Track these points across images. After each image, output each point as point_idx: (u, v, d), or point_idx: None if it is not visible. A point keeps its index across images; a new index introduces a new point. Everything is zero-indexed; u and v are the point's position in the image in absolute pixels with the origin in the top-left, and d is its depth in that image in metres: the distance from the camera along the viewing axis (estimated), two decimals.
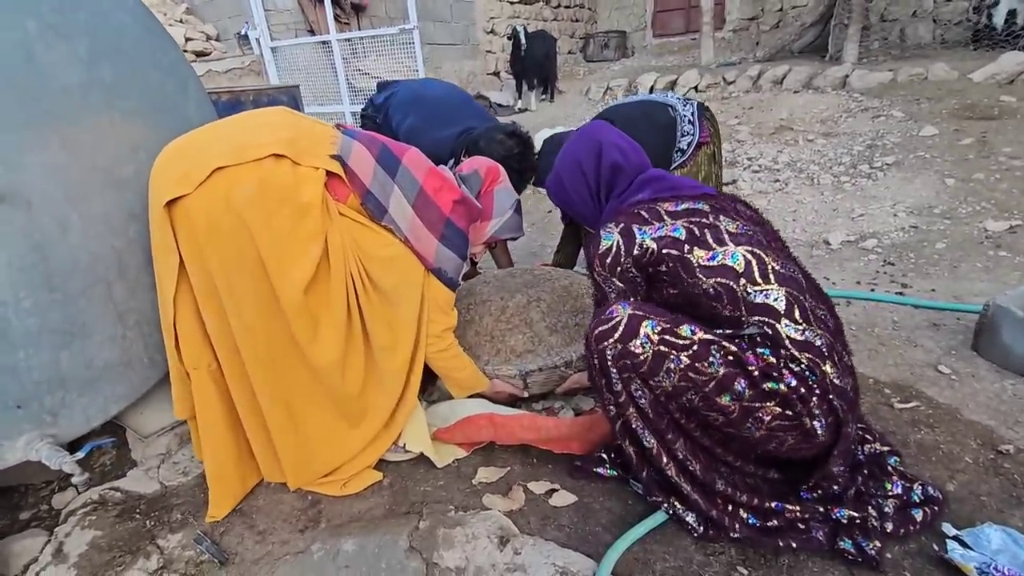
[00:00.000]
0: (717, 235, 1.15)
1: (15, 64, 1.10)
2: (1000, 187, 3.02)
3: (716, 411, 1.10)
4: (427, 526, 1.24)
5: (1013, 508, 1.24)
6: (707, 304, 1.14)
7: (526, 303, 1.72)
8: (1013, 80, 4.86)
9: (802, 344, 1.07)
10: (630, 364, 1.12)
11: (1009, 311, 1.69)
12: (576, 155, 1.39)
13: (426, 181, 1.39)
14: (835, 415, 1.08)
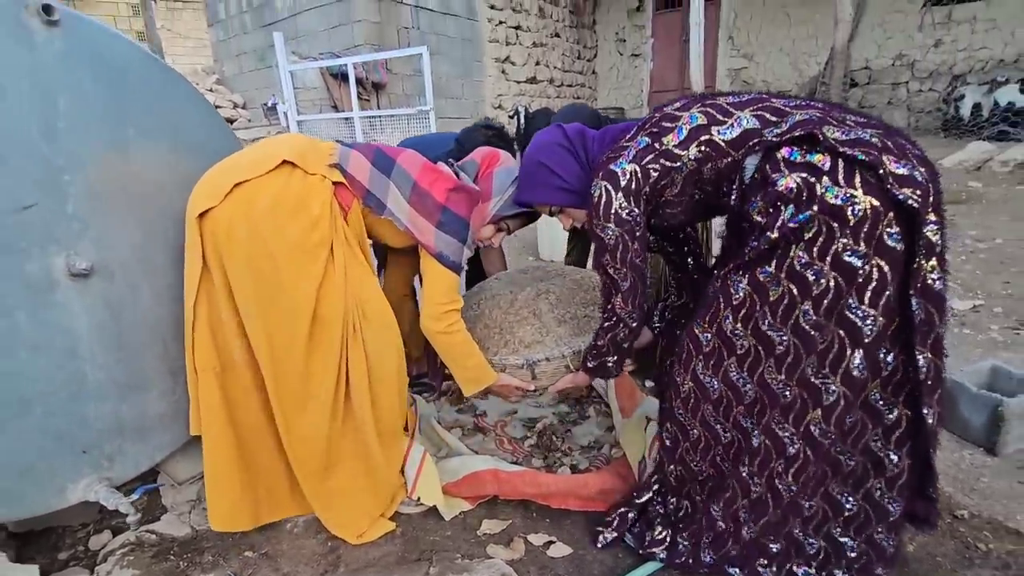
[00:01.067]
0: (670, 118, 1.22)
1: (114, 162, 1.31)
2: (965, 268, 3.24)
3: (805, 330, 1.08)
4: (436, 572, 1.36)
5: (965, 568, 1.36)
6: (707, 174, 1.18)
7: (535, 295, 1.72)
8: (980, 167, 5.20)
9: (791, 126, 1.07)
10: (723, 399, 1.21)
11: (964, 387, 1.85)
12: (547, 139, 1.43)
13: (420, 176, 1.49)
14: (864, 167, 1.00)
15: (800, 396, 1.13)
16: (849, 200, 1.00)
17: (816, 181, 1.02)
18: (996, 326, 2.60)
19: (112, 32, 1.33)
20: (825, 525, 1.25)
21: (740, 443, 1.23)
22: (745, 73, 10.07)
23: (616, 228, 1.23)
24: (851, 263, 1.02)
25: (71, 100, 1.22)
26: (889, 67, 8.47)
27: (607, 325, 1.42)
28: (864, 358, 1.07)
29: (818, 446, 1.15)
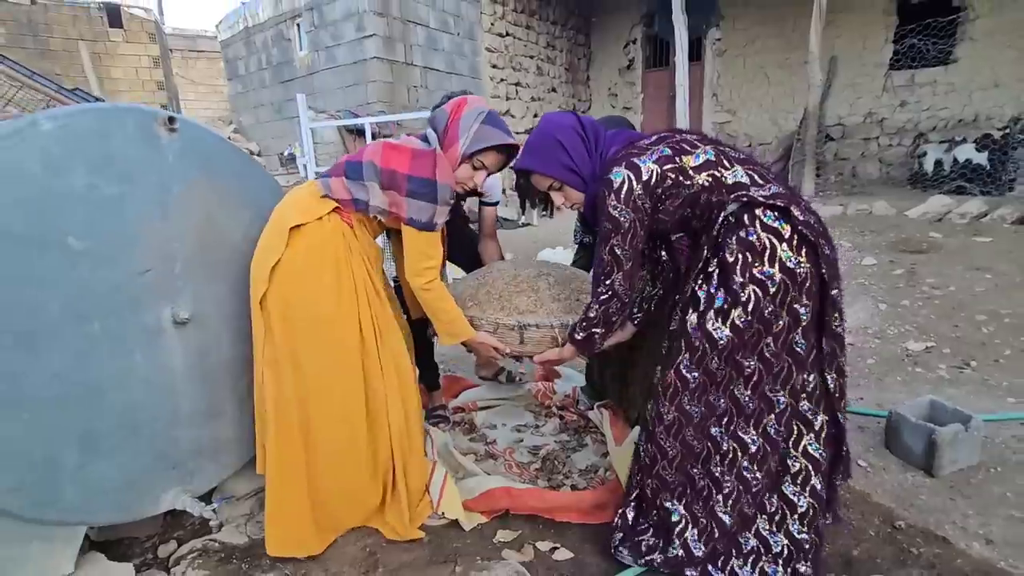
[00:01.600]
0: (689, 144, 1.43)
1: (207, 231, 1.63)
2: (922, 312, 3.57)
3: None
4: (461, 570, 1.61)
5: (899, 568, 1.62)
6: (704, 199, 1.38)
7: (536, 275, 1.87)
8: (941, 218, 5.61)
9: (772, 196, 1.34)
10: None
11: (906, 418, 2.14)
12: (564, 121, 1.56)
13: (383, 160, 1.63)
14: (807, 243, 1.33)
15: (759, 406, 1.43)
16: (798, 265, 1.32)
17: (778, 245, 1.33)
18: (944, 365, 2.91)
19: (211, 132, 1.68)
20: (785, 522, 1.51)
21: (710, 450, 1.47)
22: (728, 127, 10.67)
23: (631, 214, 1.38)
24: (798, 310, 1.35)
25: (181, 186, 1.55)
26: (861, 124, 9.06)
27: (603, 298, 1.55)
28: (806, 378, 1.41)
29: (773, 443, 1.44)
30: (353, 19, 7.37)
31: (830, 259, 1.34)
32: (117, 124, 1.40)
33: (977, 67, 7.91)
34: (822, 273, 1.33)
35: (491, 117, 1.68)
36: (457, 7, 8.50)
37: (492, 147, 1.68)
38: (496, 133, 1.67)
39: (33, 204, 1.25)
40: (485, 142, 1.66)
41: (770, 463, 1.46)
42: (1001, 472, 2.03)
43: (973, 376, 2.78)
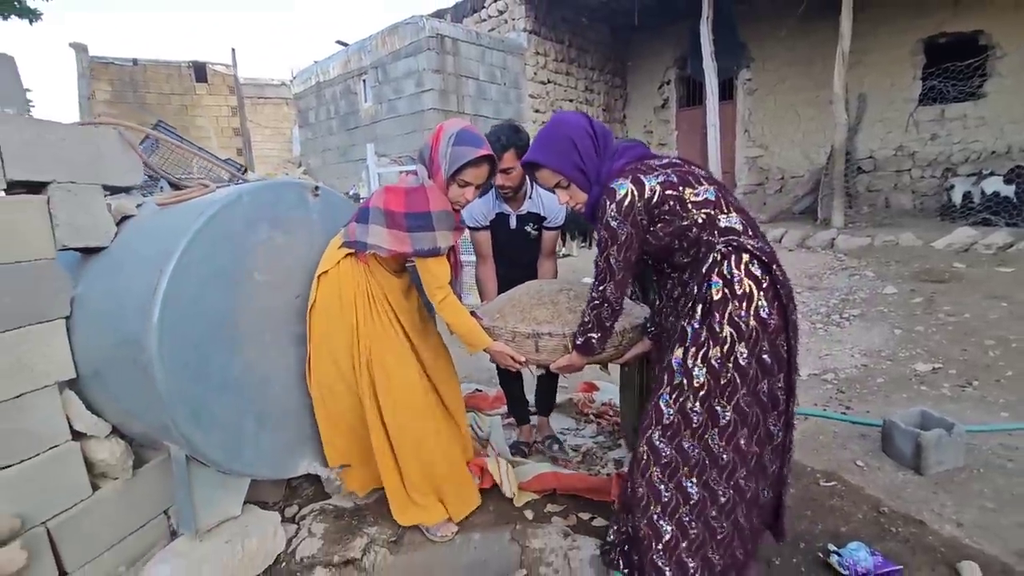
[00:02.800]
0: (696, 178, 1.45)
1: None
2: (934, 338, 3.80)
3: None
4: (520, 528, 2.04)
5: (878, 542, 1.94)
6: (694, 234, 1.42)
7: (558, 290, 1.94)
8: (967, 249, 5.74)
9: (760, 249, 1.40)
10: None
11: (897, 424, 2.45)
12: (578, 122, 1.56)
13: (384, 203, 1.77)
14: (779, 300, 1.40)
15: (733, 419, 1.43)
16: (769, 316, 1.40)
17: (756, 293, 1.39)
18: (948, 384, 3.16)
19: (339, 195, 2.23)
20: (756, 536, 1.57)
21: (678, 462, 1.45)
22: (761, 160, 10.92)
23: (630, 228, 1.41)
24: (766, 361, 1.42)
25: (321, 236, 2.09)
26: (892, 156, 9.17)
27: (595, 304, 1.60)
28: (771, 429, 1.49)
29: (743, 455, 1.45)
30: (413, 76, 8.17)
31: (794, 323, 1.44)
32: (285, 193, 1.96)
33: (1007, 101, 7.99)
34: (788, 333, 1.42)
35: (461, 136, 1.73)
36: (504, 61, 9.23)
37: (468, 164, 1.73)
38: (465, 151, 1.71)
39: (237, 251, 1.80)
40: (458, 162, 1.72)
41: (738, 476, 1.46)
42: (983, 473, 2.31)
43: (973, 394, 3.03)
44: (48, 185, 1.75)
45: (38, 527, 1.72)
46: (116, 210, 1.96)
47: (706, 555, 1.47)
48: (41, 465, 1.74)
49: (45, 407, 1.76)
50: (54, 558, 1.77)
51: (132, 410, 1.80)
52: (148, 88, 15.04)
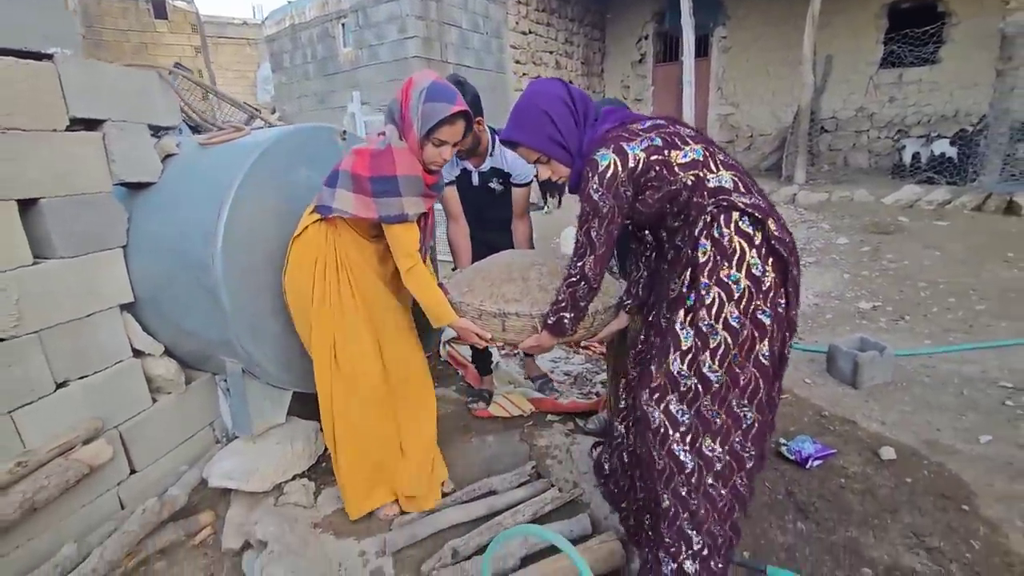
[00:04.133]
0: (682, 139, 1.34)
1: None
2: (877, 281, 4.25)
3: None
4: (528, 429, 2.38)
5: (819, 436, 2.35)
6: (684, 197, 1.32)
7: (530, 264, 1.83)
8: (912, 205, 6.23)
9: (752, 206, 1.28)
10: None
11: (839, 348, 2.86)
12: (554, 92, 1.44)
13: (351, 167, 1.65)
14: (776, 256, 1.28)
15: (727, 422, 1.34)
16: (764, 274, 1.28)
17: (747, 251, 1.28)
18: (884, 319, 3.62)
19: (359, 136, 2.40)
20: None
21: (663, 426, 1.36)
22: (732, 118, 11.20)
23: (612, 200, 1.31)
24: (762, 320, 1.29)
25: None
26: (852, 117, 9.58)
27: (571, 280, 1.49)
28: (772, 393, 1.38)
29: (736, 418, 1.34)
30: (396, 21, 8.00)
31: (795, 280, 1.32)
32: (318, 136, 2.13)
33: (958, 67, 8.40)
34: (787, 291, 1.30)
35: (432, 91, 1.57)
36: (486, 9, 9.09)
37: (443, 121, 1.58)
38: (439, 107, 1.56)
39: (282, 188, 1.99)
40: (432, 119, 1.57)
41: (732, 439, 1.36)
42: (906, 386, 2.75)
43: (904, 326, 3.49)
44: (103, 123, 1.89)
45: (112, 430, 1.96)
46: (160, 148, 2.10)
47: (712, 529, 1.40)
48: (111, 377, 1.96)
49: (110, 326, 1.96)
50: (126, 457, 2.02)
51: (192, 329, 2.01)
52: (103, 23, 14.10)
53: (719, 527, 1.39)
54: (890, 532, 1.79)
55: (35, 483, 1.63)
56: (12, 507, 1.56)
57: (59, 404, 1.79)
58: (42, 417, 1.74)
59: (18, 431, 1.69)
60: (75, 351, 1.85)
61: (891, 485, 2.01)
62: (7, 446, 1.66)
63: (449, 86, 1.63)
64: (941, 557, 1.67)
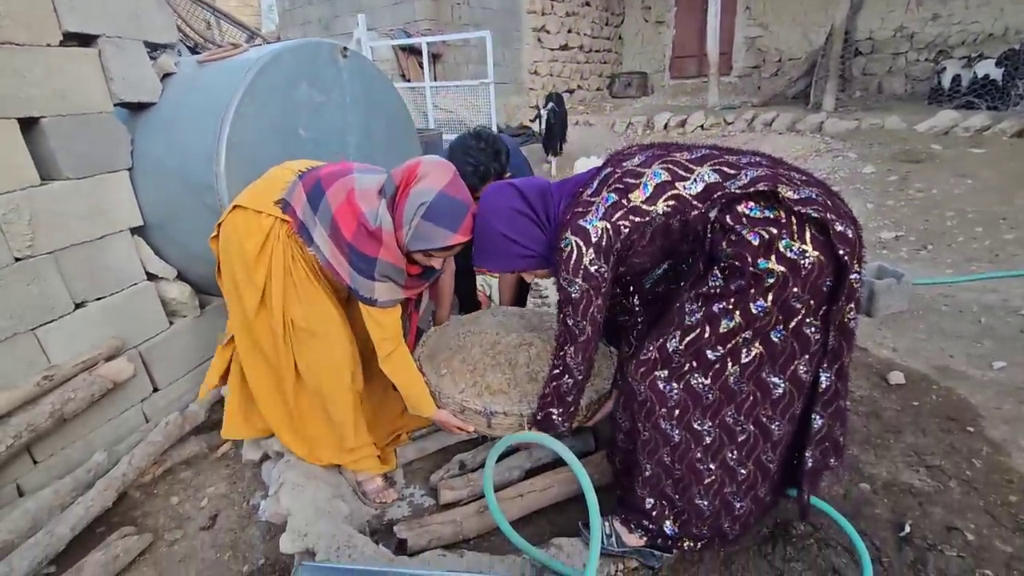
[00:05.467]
0: (633, 174, 1.20)
1: (364, 127, 2.32)
2: (901, 211, 4.12)
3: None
4: None
5: None
6: (675, 226, 1.17)
7: (517, 344, 1.66)
8: (947, 132, 5.92)
9: (751, 181, 1.11)
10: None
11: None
12: (505, 206, 1.33)
13: (337, 210, 1.40)
14: (812, 223, 1.09)
15: (719, 397, 1.25)
16: (801, 254, 1.07)
17: (775, 236, 1.08)
18: (906, 248, 3.54)
19: (366, 59, 2.31)
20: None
21: (652, 402, 1.26)
22: (760, 41, 10.54)
23: (584, 284, 1.20)
24: (794, 306, 1.13)
25: (351, 96, 2.22)
26: (890, 38, 8.95)
27: (554, 373, 1.37)
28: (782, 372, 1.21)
29: (730, 393, 1.24)
30: None
31: (846, 237, 1.08)
32: (319, 52, 2.06)
33: None
34: (838, 255, 1.08)
35: (435, 210, 1.33)
36: None
37: (439, 247, 1.37)
38: (436, 233, 1.34)
39: (284, 106, 1.94)
40: (425, 244, 1.36)
41: (724, 414, 1.27)
42: (922, 314, 2.72)
43: (926, 256, 3.41)
44: (98, 39, 1.83)
45: (132, 349, 2.03)
46: (158, 67, 2.05)
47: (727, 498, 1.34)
48: (127, 299, 2.01)
49: (122, 249, 1.99)
50: (148, 376, 2.11)
51: (201, 253, 2.03)
52: None
53: (708, 500, 1.33)
54: (891, 451, 1.82)
55: (63, 396, 1.71)
56: (43, 417, 1.65)
57: (80, 323, 1.86)
58: (64, 335, 1.81)
59: (43, 348, 1.76)
60: (90, 273, 1.89)
61: (897, 408, 2.03)
62: (34, 361, 1.73)
63: (456, 202, 1.36)
64: (941, 474, 1.70)
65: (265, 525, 1.69)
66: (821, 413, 1.25)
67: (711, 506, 1.33)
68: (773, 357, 1.21)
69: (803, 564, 1.43)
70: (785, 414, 1.27)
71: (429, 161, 1.40)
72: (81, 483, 1.70)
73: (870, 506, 1.61)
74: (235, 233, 1.50)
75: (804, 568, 1.42)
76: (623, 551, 1.39)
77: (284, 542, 1.41)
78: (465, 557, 1.37)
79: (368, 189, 1.42)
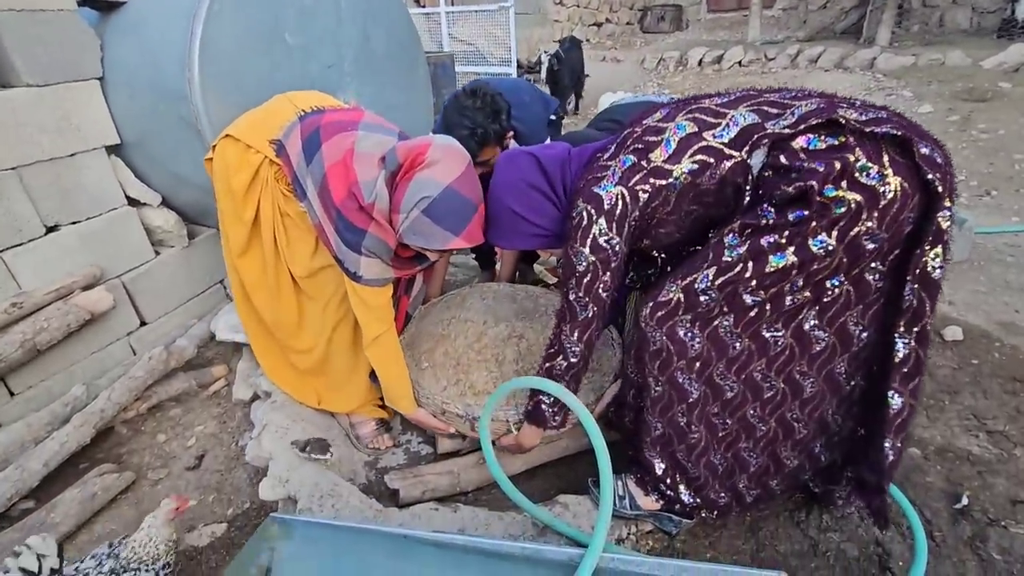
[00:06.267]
0: (654, 131, 1.05)
1: (361, 42, 2.07)
2: (963, 153, 3.74)
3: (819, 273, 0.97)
4: None
5: None
6: (706, 185, 1.01)
7: (506, 336, 1.47)
8: (1018, 69, 5.35)
9: (802, 117, 0.94)
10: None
11: None
12: (518, 179, 1.20)
13: (331, 168, 1.24)
14: (892, 143, 0.90)
15: (749, 348, 1.08)
16: (881, 180, 0.88)
17: (848, 161, 0.89)
18: (967, 194, 3.20)
19: None
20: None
21: (669, 352, 1.08)
22: None
23: (590, 256, 1.05)
24: (864, 246, 0.93)
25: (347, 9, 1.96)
26: None
27: (549, 352, 1.19)
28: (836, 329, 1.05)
29: (763, 343, 1.08)
30: None
31: (934, 161, 0.89)
32: None
33: None
34: (926, 182, 0.89)
35: (436, 207, 1.16)
36: None
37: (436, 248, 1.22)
38: (435, 233, 1.17)
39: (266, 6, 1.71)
40: (420, 241, 1.20)
41: (716, 369, 1.11)
42: (983, 265, 2.45)
43: (990, 202, 3.08)
44: None
45: (115, 279, 1.90)
46: None
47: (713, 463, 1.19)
48: (106, 224, 1.86)
49: (97, 169, 1.83)
50: (134, 308, 1.99)
51: (184, 175, 1.86)
52: None
53: (719, 455, 1.18)
54: (946, 413, 1.63)
55: (35, 325, 1.60)
56: (13, 347, 1.54)
57: (53, 249, 1.72)
58: (36, 260, 1.68)
59: (11, 272, 1.63)
60: (62, 194, 1.74)
61: (953, 366, 1.82)
62: (1, 286, 1.61)
63: (461, 200, 1.18)
64: (1004, 441, 1.51)
65: (252, 468, 1.59)
66: (900, 390, 1.03)
67: (724, 461, 1.19)
68: (823, 307, 1.02)
69: (841, 535, 1.27)
70: (822, 371, 1.10)
71: (442, 145, 1.22)
72: (58, 417, 1.60)
73: (920, 473, 1.43)
74: (223, 165, 1.37)
75: (842, 539, 1.26)
76: (636, 514, 1.24)
77: (264, 488, 1.31)
78: (459, 512, 1.24)
79: (370, 153, 1.25)
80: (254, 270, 1.47)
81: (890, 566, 1.20)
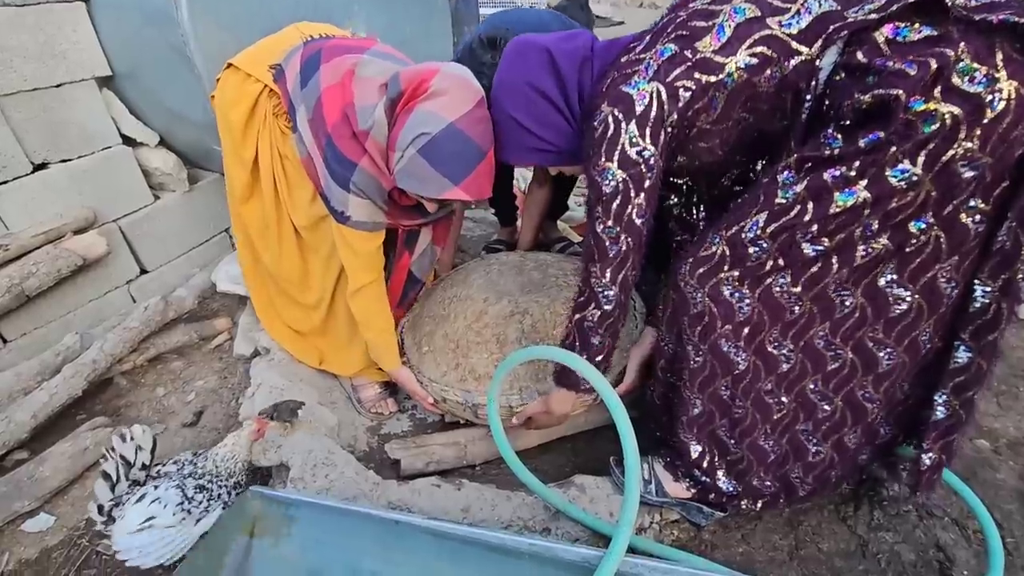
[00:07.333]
0: (704, 14, 0.85)
1: None
2: None
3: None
4: None
5: None
6: (763, 87, 0.83)
7: (508, 314, 1.33)
8: None
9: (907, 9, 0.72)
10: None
11: None
12: (522, 81, 1.00)
13: (327, 90, 1.11)
14: (1003, 31, 0.68)
15: (810, 310, 0.90)
16: (990, 85, 0.67)
17: (946, 60, 0.68)
18: None
19: None
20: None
21: (712, 315, 0.92)
22: None
23: (619, 172, 0.87)
24: (962, 175, 0.73)
25: None
26: None
27: (579, 302, 1.03)
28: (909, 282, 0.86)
29: (827, 305, 0.90)
30: None
31: None
32: None
33: None
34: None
35: (434, 147, 1.01)
36: None
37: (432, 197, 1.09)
38: (430, 177, 1.03)
39: None
40: (414, 185, 1.06)
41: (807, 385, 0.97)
42: None
43: None
44: None
45: (111, 223, 1.80)
46: None
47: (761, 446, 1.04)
48: (99, 164, 1.75)
49: (88, 102, 1.70)
50: (133, 255, 1.90)
51: (179, 110, 1.72)
52: None
53: (773, 440, 1.02)
54: (1021, 402, 1.45)
55: (22, 269, 1.52)
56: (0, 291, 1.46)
57: (41, 187, 1.63)
58: (22, 199, 1.59)
59: None
60: (49, 128, 1.63)
61: None
62: None
63: (464, 141, 1.01)
64: None
65: None
66: (968, 344, 0.86)
67: (777, 447, 1.02)
68: (904, 257, 0.83)
69: (895, 535, 1.13)
70: (904, 339, 0.90)
71: (450, 74, 1.05)
72: (49, 367, 1.54)
73: (989, 469, 1.27)
74: (222, 99, 1.27)
75: (896, 540, 1.12)
76: (663, 501, 1.11)
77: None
78: (463, 490, 1.13)
79: (373, 77, 1.11)
80: (258, 218, 1.38)
81: (952, 574, 1.06)
